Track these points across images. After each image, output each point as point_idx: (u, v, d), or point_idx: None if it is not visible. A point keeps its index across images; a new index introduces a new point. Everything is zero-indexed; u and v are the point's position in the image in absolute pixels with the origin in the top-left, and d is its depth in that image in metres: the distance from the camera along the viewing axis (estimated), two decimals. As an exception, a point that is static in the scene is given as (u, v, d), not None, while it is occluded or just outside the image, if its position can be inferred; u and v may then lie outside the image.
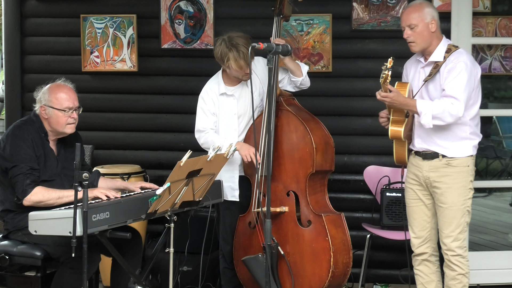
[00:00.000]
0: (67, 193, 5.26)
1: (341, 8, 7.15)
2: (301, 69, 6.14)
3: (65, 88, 5.54)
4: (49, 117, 5.46)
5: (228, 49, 5.96)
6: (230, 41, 5.96)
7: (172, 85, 7.50)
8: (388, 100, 5.33)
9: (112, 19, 7.46)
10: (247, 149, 5.97)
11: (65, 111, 5.46)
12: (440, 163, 5.48)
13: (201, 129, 6.14)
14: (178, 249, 6.18)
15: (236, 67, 5.95)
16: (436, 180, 5.48)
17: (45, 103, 5.46)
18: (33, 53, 7.68)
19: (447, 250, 5.49)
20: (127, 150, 7.58)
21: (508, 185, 9.90)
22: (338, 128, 6.87)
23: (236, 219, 6.19)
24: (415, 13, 5.46)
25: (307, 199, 5.90)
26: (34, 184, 5.28)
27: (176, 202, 5.09)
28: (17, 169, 5.29)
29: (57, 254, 5.28)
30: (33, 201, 5.25)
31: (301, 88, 6.23)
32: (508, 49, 7.13)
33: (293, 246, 5.88)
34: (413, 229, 5.66)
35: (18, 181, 5.27)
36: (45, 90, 5.52)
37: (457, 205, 5.47)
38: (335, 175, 6.81)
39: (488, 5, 7.06)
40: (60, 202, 5.23)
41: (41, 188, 5.28)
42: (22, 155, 5.32)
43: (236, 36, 5.98)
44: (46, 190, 5.28)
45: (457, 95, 5.29)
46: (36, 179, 5.32)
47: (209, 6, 7.31)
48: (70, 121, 5.50)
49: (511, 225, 9.42)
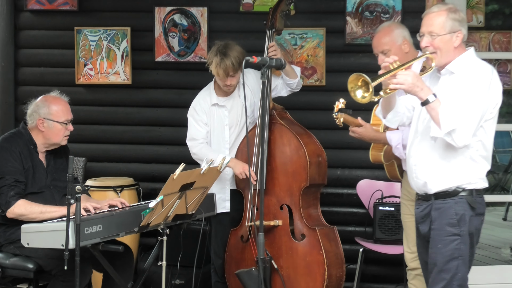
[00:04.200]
0: (50, 209, 5.25)
1: (335, 22, 7.18)
2: (295, 71, 6.16)
3: (62, 100, 5.58)
4: (47, 130, 5.46)
5: (214, 54, 5.99)
6: (223, 47, 5.98)
7: (165, 98, 7.51)
8: (356, 135, 5.39)
9: (106, 32, 7.47)
10: (241, 166, 5.97)
11: (65, 123, 5.48)
12: None
13: (194, 137, 6.14)
14: (170, 262, 6.14)
15: (214, 73, 6.00)
16: None
17: (44, 116, 5.46)
18: (27, 65, 7.68)
19: None
20: (120, 162, 7.57)
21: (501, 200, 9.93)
22: (331, 142, 6.88)
23: (227, 232, 6.18)
24: (386, 37, 5.42)
25: (301, 212, 5.90)
26: (18, 196, 5.27)
27: (169, 215, 5.08)
28: (2, 181, 5.29)
29: (49, 266, 5.26)
30: (16, 214, 5.24)
31: (294, 91, 6.25)
32: (501, 64, 7.16)
33: (286, 259, 5.87)
34: (407, 244, 5.66)
35: (2, 193, 5.27)
36: (41, 103, 5.52)
37: None
38: (328, 188, 6.82)
39: (481, 19, 7.09)
40: (43, 218, 5.19)
41: (24, 201, 5.27)
42: (8, 167, 5.32)
43: (231, 46, 5.99)
44: (29, 204, 5.27)
45: None
46: (21, 191, 5.31)
47: (203, 19, 7.33)
48: (67, 134, 5.54)
49: (504, 239, 9.42)
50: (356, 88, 4.40)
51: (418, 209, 4.79)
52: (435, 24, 4.57)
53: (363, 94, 4.39)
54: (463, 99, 4.43)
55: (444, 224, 4.57)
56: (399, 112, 4.82)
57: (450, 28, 4.56)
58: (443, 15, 4.57)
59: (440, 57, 4.59)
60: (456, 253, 4.56)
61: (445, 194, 4.60)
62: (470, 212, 4.57)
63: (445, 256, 4.56)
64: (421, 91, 4.41)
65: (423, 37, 4.62)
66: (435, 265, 4.60)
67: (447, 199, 4.58)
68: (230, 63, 5.91)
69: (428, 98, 4.40)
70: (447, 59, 4.60)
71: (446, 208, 4.58)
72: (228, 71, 5.94)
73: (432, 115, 4.43)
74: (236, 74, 6.02)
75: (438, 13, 4.60)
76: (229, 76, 5.99)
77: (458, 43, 4.60)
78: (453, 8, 4.63)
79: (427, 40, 4.59)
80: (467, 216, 4.55)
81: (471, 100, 4.43)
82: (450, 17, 4.56)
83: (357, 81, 4.39)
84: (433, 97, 4.40)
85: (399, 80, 4.39)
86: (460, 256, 4.57)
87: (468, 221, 4.56)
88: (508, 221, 10.55)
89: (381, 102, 4.84)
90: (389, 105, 4.79)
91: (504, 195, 11.27)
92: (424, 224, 4.72)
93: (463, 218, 4.55)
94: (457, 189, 4.57)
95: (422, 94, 4.41)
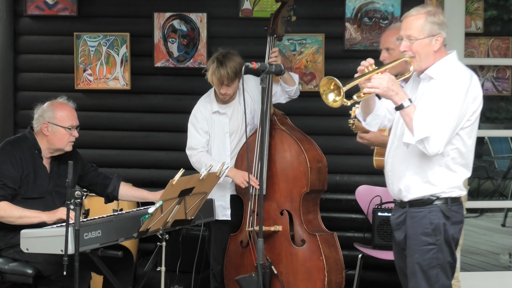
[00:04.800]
0: (30, 214, 5.23)
1: (334, 28, 7.19)
2: (293, 78, 6.17)
3: (68, 106, 5.59)
4: (52, 134, 5.47)
5: (212, 61, 6.00)
6: (222, 56, 5.98)
7: (165, 104, 7.51)
8: (365, 141, 5.34)
9: (105, 37, 7.47)
10: (241, 175, 5.97)
11: (69, 129, 5.48)
12: None
13: (194, 146, 6.14)
14: (169, 267, 6.13)
15: (209, 80, 6.01)
16: None
17: (49, 120, 5.47)
18: (26, 70, 7.69)
19: None
20: (120, 168, 7.55)
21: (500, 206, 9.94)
22: (331, 148, 6.88)
23: (227, 238, 6.18)
24: (394, 36, 5.37)
25: (301, 218, 5.90)
26: (1, 198, 5.26)
27: (168, 221, 5.08)
28: None
29: (48, 272, 5.26)
30: None
31: (292, 98, 6.25)
32: (500, 70, 7.17)
33: (286, 265, 5.87)
34: None
35: None
36: (47, 107, 5.53)
37: None
38: (327, 194, 6.82)
39: (480, 26, 7.11)
40: (21, 222, 5.19)
41: (6, 203, 5.26)
42: (2, 170, 5.33)
43: (230, 56, 5.98)
44: (9, 206, 5.26)
45: None
46: (6, 195, 5.29)
47: (203, 25, 7.34)
48: (71, 139, 5.53)
49: (503, 245, 9.43)
50: (328, 91, 4.33)
51: (393, 216, 4.71)
52: (413, 27, 4.44)
53: (334, 98, 4.31)
54: (438, 106, 4.32)
55: (419, 234, 4.50)
56: (379, 115, 4.72)
57: (429, 32, 4.44)
58: (421, 19, 4.44)
59: (419, 61, 4.47)
60: (434, 262, 4.48)
61: (419, 202, 4.51)
62: (444, 221, 4.47)
63: (423, 265, 4.50)
64: (396, 95, 4.32)
65: (402, 41, 4.51)
66: (414, 275, 4.54)
67: (421, 208, 4.50)
68: (225, 73, 5.91)
69: (403, 103, 4.31)
70: (426, 63, 4.48)
71: (420, 217, 4.50)
72: (223, 80, 5.94)
73: (406, 120, 4.34)
74: (232, 84, 6.01)
75: (416, 16, 4.47)
76: (224, 85, 5.98)
77: (438, 47, 4.47)
78: (433, 11, 4.50)
79: (406, 44, 4.48)
80: (442, 225, 4.47)
81: (446, 107, 4.32)
82: (429, 20, 4.44)
83: (329, 84, 4.32)
84: (408, 102, 4.32)
85: (374, 84, 4.32)
86: (438, 265, 4.49)
87: (443, 230, 4.46)
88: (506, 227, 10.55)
89: (360, 105, 4.75)
90: (368, 108, 4.69)
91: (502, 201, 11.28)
92: (399, 232, 4.65)
93: (437, 227, 4.47)
94: (430, 198, 4.49)
95: (397, 99, 4.33)
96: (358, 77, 4.37)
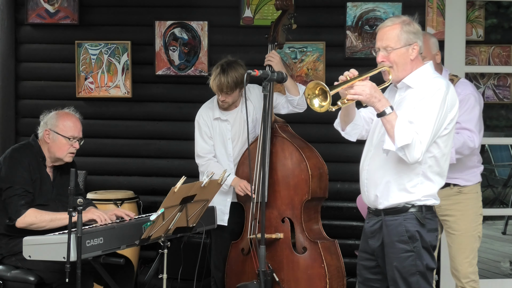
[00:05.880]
0: (60, 216, 5.25)
1: (335, 36, 7.21)
2: (298, 88, 6.16)
3: (73, 117, 5.59)
4: (52, 142, 5.47)
5: (216, 67, 6.03)
6: (226, 64, 6.00)
7: (166, 112, 7.52)
8: None
9: (106, 46, 7.49)
10: (238, 183, 6.00)
11: (69, 139, 5.48)
12: (452, 191, 5.56)
13: (200, 154, 6.16)
14: (171, 275, 6.15)
15: (210, 85, 6.02)
16: (448, 208, 5.55)
17: (51, 127, 5.48)
18: (28, 78, 7.70)
19: (462, 277, 5.54)
20: (121, 176, 7.58)
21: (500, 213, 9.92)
22: (332, 155, 6.88)
23: (228, 245, 6.18)
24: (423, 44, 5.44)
25: (302, 225, 5.90)
26: (28, 206, 5.28)
27: (170, 228, 5.08)
28: (12, 190, 5.29)
29: (50, 279, 5.26)
30: (26, 223, 5.24)
31: (297, 110, 6.22)
32: (501, 77, 7.18)
33: (288, 272, 5.87)
34: None
35: (12, 202, 5.27)
36: (52, 115, 5.55)
37: (469, 231, 5.55)
38: (328, 202, 6.82)
39: (481, 33, 7.12)
40: (52, 225, 5.22)
41: (34, 210, 5.28)
42: (18, 177, 5.33)
43: (235, 66, 5.99)
44: (39, 212, 5.27)
45: (472, 127, 5.33)
46: (30, 201, 5.31)
47: (204, 33, 7.35)
48: (71, 150, 5.52)
49: (503, 253, 9.43)
50: (313, 96, 4.35)
51: (368, 224, 4.73)
52: (390, 38, 4.49)
53: (320, 103, 4.33)
54: (418, 114, 4.36)
55: (395, 241, 4.52)
56: (358, 125, 4.77)
57: (405, 41, 4.48)
58: (397, 29, 4.49)
59: (397, 71, 4.52)
60: (413, 269, 4.50)
61: (394, 210, 4.54)
62: (420, 228, 4.49)
63: (402, 272, 4.52)
64: (378, 102, 4.35)
65: (379, 52, 4.55)
66: (395, 282, 4.55)
67: (396, 216, 4.52)
68: (226, 81, 5.93)
69: (385, 109, 4.34)
70: (404, 72, 4.53)
71: (396, 225, 4.52)
72: (222, 87, 5.96)
73: (387, 127, 4.36)
74: (231, 93, 6.03)
75: (392, 27, 4.51)
76: (223, 93, 6.00)
77: (415, 56, 4.52)
78: (407, 21, 4.54)
79: (383, 55, 4.52)
80: (418, 232, 4.49)
81: (426, 115, 4.35)
82: (405, 30, 4.49)
83: (314, 89, 4.34)
84: (390, 109, 4.34)
85: (357, 91, 4.35)
86: (418, 271, 4.50)
87: (420, 237, 4.48)
88: (507, 235, 10.55)
89: (339, 115, 4.79)
90: (348, 117, 4.74)
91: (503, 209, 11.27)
92: (374, 239, 4.66)
93: (414, 234, 4.49)
94: (406, 205, 4.50)
95: (379, 105, 4.35)
96: (342, 83, 4.40)
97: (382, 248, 4.61)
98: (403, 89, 4.57)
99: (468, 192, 5.57)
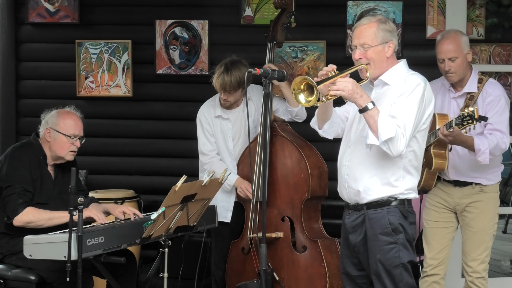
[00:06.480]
0: (58, 214, 5.25)
1: (335, 35, 7.20)
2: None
3: (74, 115, 5.60)
4: (53, 141, 5.48)
5: (220, 65, 6.04)
6: (230, 63, 6.02)
7: (166, 111, 7.52)
8: (451, 139, 5.29)
9: (107, 45, 7.49)
10: (240, 183, 6.03)
11: (70, 137, 5.49)
12: (474, 190, 5.59)
13: (203, 151, 6.18)
14: (172, 274, 6.15)
15: (214, 83, 6.02)
16: (469, 205, 5.56)
17: (52, 126, 5.48)
18: (28, 78, 7.69)
19: (473, 272, 5.58)
20: (121, 175, 7.58)
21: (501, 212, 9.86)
22: (332, 154, 6.82)
23: (228, 244, 6.18)
24: (453, 44, 5.45)
25: (302, 224, 5.90)
26: (26, 204, 5.28)
27: (170, 227, 5.08)
28: (11, 189, 5.30)
29: (51, 278, 5.27)
30: (23, 221, 5.24)
31: (296, 120, 6.23)
32: (502, 76, 7.18)
33: (288, 271, 5.88)
34: (431, 250, 5.67)
35: (10, 200, 5.28)
36: (53, 113, 5.55)
37: (486, 230, 5.59)
38: (328, 201, 6.79)
39: (482, 32, 7.12)
40: (51, 224, 5.22)
41: (32, 208, 5.28)
42: (17, 176, 5.34)
43: (239, 66, 6.01)
44: (37, 211, 5.28)
45: (504, 129, 5.37)
46: (29, 200, 5.32)
47: (204, 32, 7.35)
48: (72, 149, 5.52)
49: (504, 252, 9.42)
50: (299, 92, 4.40)
51: (349, 219, 4.79)
52: (367, 36, 4.61)
53: (306, 98, 4.39)
54: (400, 108, 4.49)
55: (378, 234, 4.61)
56: (335, 122, 4.87)
57: (381, 39, 4.61)
58: (374, 27, 4.62)
59: (374, 68, 4.63)
60: (397, 261, 4.59)
61: (377, 204, 4.63)
62: (403, 221, 4.61)
63: (386, 265, 4.60)
64: (360, 98, 4.44)
65: (355, 49, 4.66)
66: (378, 275, 4.62)
67: (379, 209, 4.62)
68: (229, 80, 5.94)
69: (367, 105, 4.42)
70: (380, 70, 4.65)
71: (379, 218, 4.61)
72: (225, 86, 5.97)
73: (370, 122, 4.44)
74: (234, 92, 6.04)
75: (369, 25, 4.64)
76: (225, 92, 6.01)
77: (390, 54, 4.66)
78: (383, 19, 4.68)
79: (360, 52, 4.64)
80: (401, 225, 4.60)
81: (406, 109, 4.48)
82: (381, 28, 4.62)
83: (300, 84, 4.39)
84: (371, 105, 4.43)
85: (339, 87, 4.42)
86: (401, 263, 4.60)
87: (403, 230, 4.59)
88: (508, 233, 10.55)
89: (317, 113, 4.87)
90: (326, 114, 4.82)
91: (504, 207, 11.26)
92: (355, 234, 4.73)
93: (397, 227, 4.59)
94: (389, 199, 4.61)
95: (361, 101, 4.44)
96: (326, 79, 4.46)
97: (363, 242, 4.69)
98: (380, 86, 4.70)
99: (490, 191, 5.61)
